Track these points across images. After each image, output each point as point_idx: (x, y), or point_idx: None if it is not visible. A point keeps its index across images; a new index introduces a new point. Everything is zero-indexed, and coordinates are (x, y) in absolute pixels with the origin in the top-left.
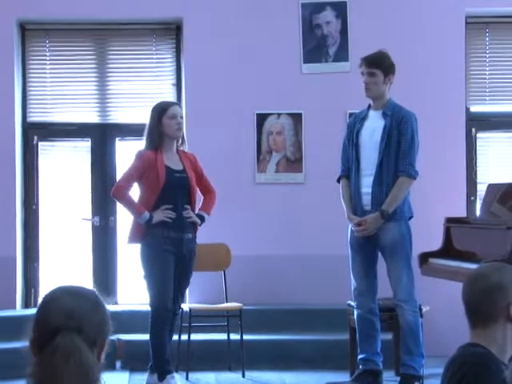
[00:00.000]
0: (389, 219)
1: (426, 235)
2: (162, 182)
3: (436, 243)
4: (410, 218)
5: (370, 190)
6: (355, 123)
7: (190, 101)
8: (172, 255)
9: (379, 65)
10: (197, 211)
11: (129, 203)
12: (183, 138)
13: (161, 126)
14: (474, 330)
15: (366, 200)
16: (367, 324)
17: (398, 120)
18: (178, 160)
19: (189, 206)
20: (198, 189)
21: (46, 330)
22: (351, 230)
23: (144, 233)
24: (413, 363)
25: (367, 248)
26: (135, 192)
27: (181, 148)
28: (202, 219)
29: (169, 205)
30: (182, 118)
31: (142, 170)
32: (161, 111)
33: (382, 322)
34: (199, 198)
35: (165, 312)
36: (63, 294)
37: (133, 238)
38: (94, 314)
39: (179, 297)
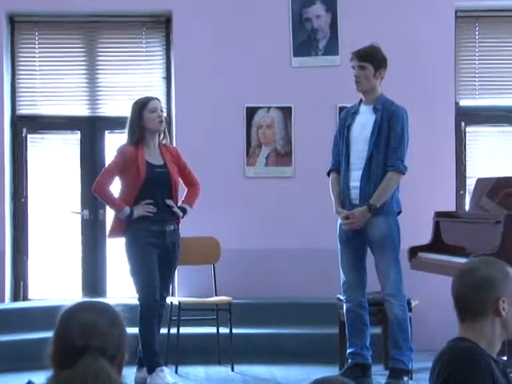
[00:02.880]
0: (377, 213)
1: (416, 229)
2: (142, 177)
3: (425, 237)
4: (399, 213)
5: (358, 184)
6: (346, 118)
7: (180, 94)
8: (155, 247)
9: (370, 58)
10: (179, 204)
11: (109, 198)
12: (165, 133)
13: (142, 121)
14: (463, 324)
15: (355, 194)
16: (356, 318)
17: (389, 115)
18: (159, 155)
19: (170, 200)
20: (181, 182)
21: (69, 350)
22: (340, 223)
23: (125, 227)
24: (402, 357)
25: (356, 242)
26: (116, 187)
27: (163, 142)
28: (184, 211)
29: (150, 199)
30: (162, 111)
31: (123, 165)
32: (141, 105)
33: (371, 316)
34: (183, 191)
35: (153, 304)
36: (82, 310)
37: (113, 233)
38: (112, 329)
39: (164, 289)
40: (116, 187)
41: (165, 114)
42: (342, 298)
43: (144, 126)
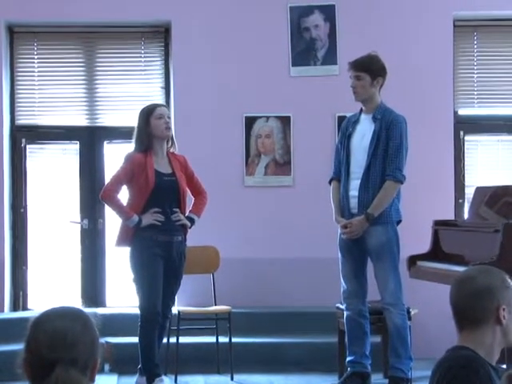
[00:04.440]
0: (375, 222)
1: (414, 238)
2: (151, 185)
3: (424, 246)
4: (399, 222)
5: (357, 193)
6: (348, 127)
7: (179, 104)
8: (161, 258)
9: (366, 68)
10: (187, 213)
11: (117, 206)
12: (173, 140)
13: (149, 128)
14: (462, 333)
15: (353, 203)
16: (356, 326)
17: (388, 124)
18: (168, 163)
19: (178, 209)
20: (188, 191)
21: (40, 362)
22: (340, 232)
23: (132, 236)
24: (401, 366)
25: (356, 251)
26: (124, 195)
27: (170, 150)
28: (192, 221)
29: (158, 208)
30: (169, 118)
31: (131, 172)
32: (148, 113)
33: (370, 325)
34: (190, 200)
35: (154, 315)
36: (51, 318)
37: (121, 241)
38: (84, 337)
39: (169, 300)
40: (124, 195)
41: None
42: (341, 306)
43: (151, 133)
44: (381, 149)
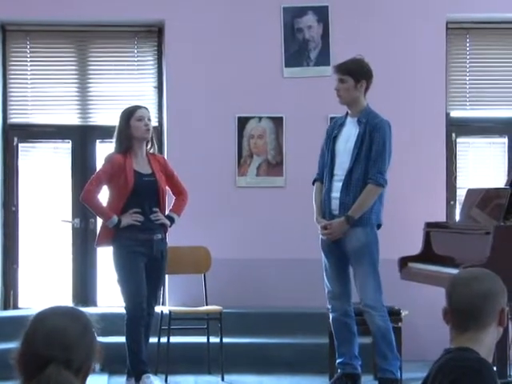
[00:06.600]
0: (355, 225)
1: (406, 239)
2: (130, 186)
3: (416, 247)
4: (379, 226)
5: (338, 195)
6: (333, 129)
7: (171, 104)
8: (142, 256)
9: (349, 71)
10: (167, 212)
11: (97, 207)
12: (152, 141)
13: (129, 129)
14: (466, 334)
15: (335, 205)
16: (343, 327)
17: (372, 127)
18: (147, 163)
19: (157, 209)
20: (169, 190)
21: (34, 358)
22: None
23: (112, 236)
24: (389, 367)
25: (337, 252)
26: (104, 195)
27: (150, 151)
28: (172, 220)
29: (137, 208)
30: (149, 120)
31: (111, 173)
32: (128, 114)
33: (359, 326)
34: (170, 199)
35: (140, 313)
36: (54, 315)
37: (101, 241)
38: (82, 339)
39: (153, 298)
40: (104, 196)
41: (153, 123)
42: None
43: (131, 134)
44: (364, 152)
